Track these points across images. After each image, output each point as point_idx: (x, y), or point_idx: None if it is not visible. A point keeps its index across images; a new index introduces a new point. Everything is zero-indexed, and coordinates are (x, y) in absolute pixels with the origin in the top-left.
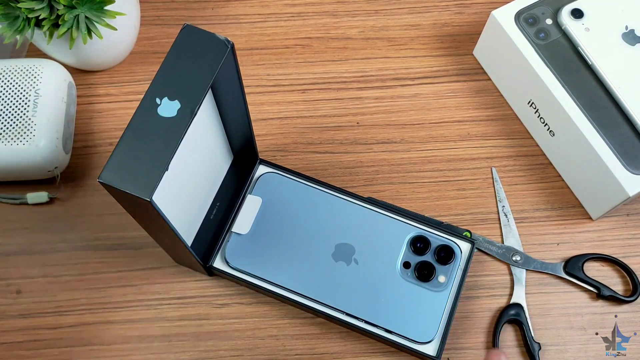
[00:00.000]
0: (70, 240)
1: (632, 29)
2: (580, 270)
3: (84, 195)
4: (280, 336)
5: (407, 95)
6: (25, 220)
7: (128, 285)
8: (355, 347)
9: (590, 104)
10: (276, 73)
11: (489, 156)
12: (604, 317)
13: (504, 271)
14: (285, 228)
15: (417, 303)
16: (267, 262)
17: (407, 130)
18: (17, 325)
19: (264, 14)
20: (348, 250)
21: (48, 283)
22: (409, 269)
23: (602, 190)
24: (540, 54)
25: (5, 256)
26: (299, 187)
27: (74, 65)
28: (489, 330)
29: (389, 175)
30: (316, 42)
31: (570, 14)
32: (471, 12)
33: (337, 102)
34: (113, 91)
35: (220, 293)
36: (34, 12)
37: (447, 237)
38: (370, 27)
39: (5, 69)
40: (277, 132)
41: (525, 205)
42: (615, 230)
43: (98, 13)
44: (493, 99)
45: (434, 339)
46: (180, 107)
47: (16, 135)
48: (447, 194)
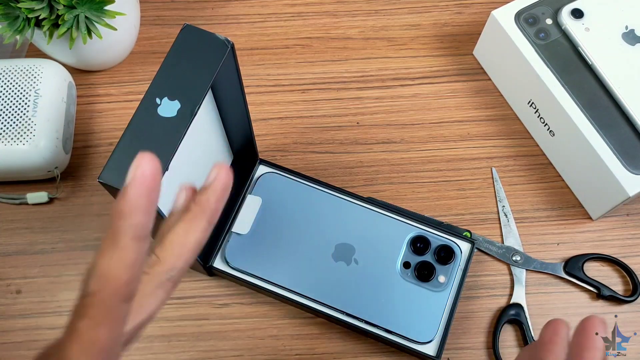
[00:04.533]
0: (70, 240)
1: (632, 29)
2: (580, 270)
3: (84, 195)
4: (280, 336)
5: (407, 95)
6: (25, 220)
7: None
8: (355, 347)
9: (590, 104)
10: (276, 73)
11: (489, 156)
12: (604, 317)
13: (504, 271)
14: (285, 228)
15: (417, 303)
16: (267, 262)
17: (407, 130)
18: (17, 325)
19: (264, 14)
20: (348, 250)
21: (48, 283)
22: (409, 269)
23: (602, 190)
24: (540, 54)
25: (5, 256)
26: (299, 187)
27: (74, 65)
28: (489, 330)
29: (389, 175)
30: (316, 42)
31: (570, 14)
32: (471, 12)
33: (337, 102)
34: (113, 91)
35: (220, 293)
36: (34, 12)
37: (447, 237)
38: (370, 27)
39: (5, 69)
40: (277, 132)
41: (525, 205)
42: (615, 230)
43: (98, 13)
44: (493, 99)
45: (434, 339)
46: (180, 107)
47: (16, 135)
48: (447, 194)
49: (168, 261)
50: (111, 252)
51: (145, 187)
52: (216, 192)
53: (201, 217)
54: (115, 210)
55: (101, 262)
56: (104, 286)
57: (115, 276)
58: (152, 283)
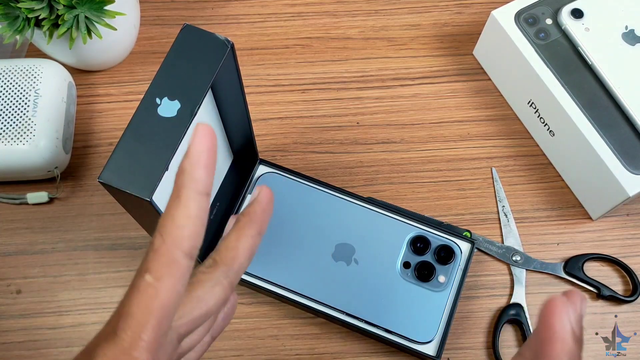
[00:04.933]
0: (70, 240)
1: (632, 29)
2: (580, 270)
3: (84, 195)
4: (280, 336)
5: (407, 95)
6: (25, 220)
7: (128, 285)
8: (355, 347)
9: (590, 104)
10: (276, 73)
11: (489, 156)
12: (604, 317)
13: (504, 271)
14: (285, 228)
15: (417, 303)
16: (267, 262)
17: (407, 130)
18: (17, 325)
19: (264, 14)
20: (348, 250)
21: (48, 283)
22: (409, 269)
23: (602, 190)
24: (540, 54)
25: (5, 256)
26: (299, 187)
27: (74, 65)
28: (489, 330)
29: (389, 175)
30: (316, 42)
31: (570, 14)
32: (471, 12)
33: (337, 102)
34: (113, 91)
35: None
36: (34, 12)
37: (447, 237)
38: (370, 27)
39: (5, 69)
40: (277, 132)
41: (525, 205)
42: (615, 230)
43: (98, 13)
44: (493, 99)
45: (434, 339)
46: (180, 107)
47: (16, 135)
48: (447, 194)
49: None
50: (174, 206)
51: (204, 145)
52: (261, 204)
53: (250, 225)
54: (180, 168)
55: (165, 216)
56: (167, 238)
57: (178, 226)
58: (210, 281)
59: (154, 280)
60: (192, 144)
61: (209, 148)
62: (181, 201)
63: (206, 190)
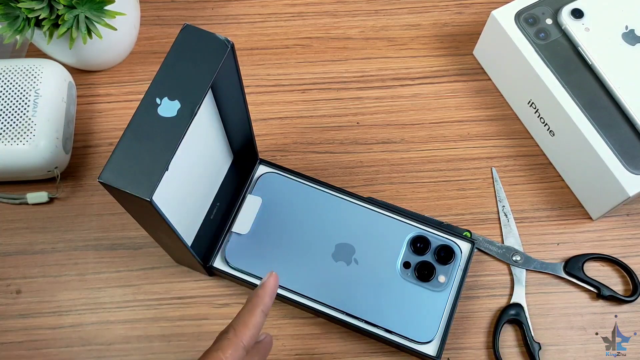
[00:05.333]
0: (70, 240)
1: (632, 29)
2: (580, 270)
3: (84, 195)
4: (280, 336)
5: (407, 95)
6: (25, 220)
7: (128, 285)
8: (355, 347)
9: (590, 104)
10: (276, 73)
11: (489, 156)
12: (604, 317)
13: (504, 271)
14: (285, 228)
15: (417, 303)
16: (267, 262)
17: (407, 130)
18: (17, 325)
19: (264, 14)
20: (348, 250)
21: (48, 283)
22: (409, 269)
23: (602, 190)
24: (540, 54)
25: (5, 256)
26: (299, 187)
27: (74, 65)
28: (489, 330)
29: (389, 175)
30: (316, 42)
31: (570, 14)
32: (471, 12)
33: (337, 102)
34: (113, 91)
35: (220, 293)
36: (34, 12)
37: (447, 237)
38: (370, 27)
39: (5, 69)
40: (277, 132)
41: (525, 205)
42: (615, 230)
43: (98, 13)
44: (493, 99)
45: (434, 339)
46: (180, 107)
47: (16, 135)
48: (447, 194)
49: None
50: (247, 314)
51: (273, 284)
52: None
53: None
54: (255, 292)
55: (239, 319)
56: (238, 333)
57: (247, 327)
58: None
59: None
60: (267, 281)
61: (275, 286)
62: (252, 314)
63: (268, 311)
